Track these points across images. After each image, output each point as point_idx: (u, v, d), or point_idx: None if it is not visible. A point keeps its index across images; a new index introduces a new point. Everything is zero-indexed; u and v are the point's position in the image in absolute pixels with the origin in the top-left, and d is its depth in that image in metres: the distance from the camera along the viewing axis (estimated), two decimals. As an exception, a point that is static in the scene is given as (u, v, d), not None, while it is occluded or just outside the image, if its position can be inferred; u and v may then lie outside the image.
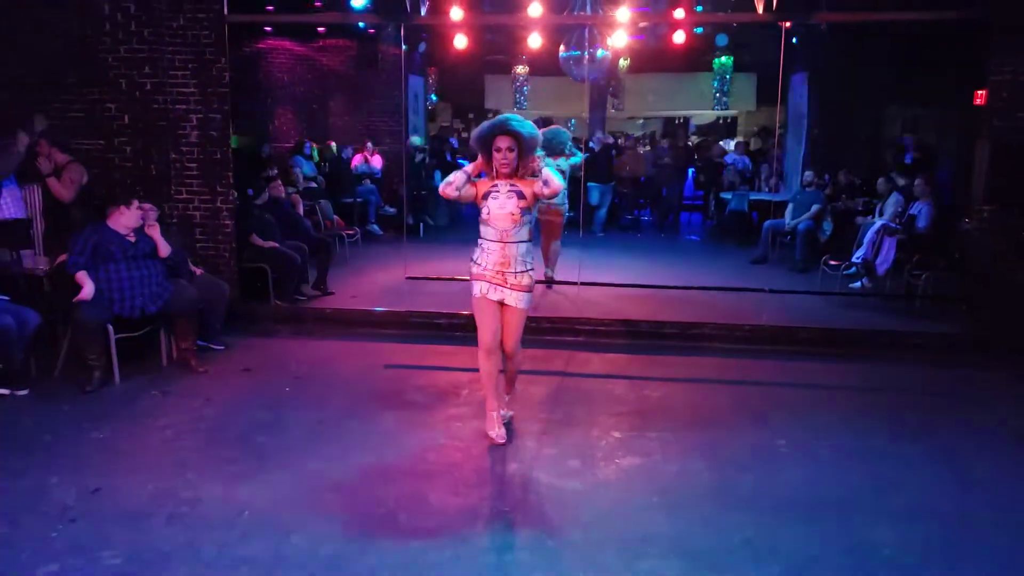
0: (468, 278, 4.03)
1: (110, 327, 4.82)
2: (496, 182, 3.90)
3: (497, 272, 3.90)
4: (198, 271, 5.73)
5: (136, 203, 5.08)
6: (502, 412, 4.23)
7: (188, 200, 6.44)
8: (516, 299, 3.92)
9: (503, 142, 3.81)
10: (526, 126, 3.84)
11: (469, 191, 3.91)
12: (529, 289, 3.97)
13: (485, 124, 3.93)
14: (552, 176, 3.80)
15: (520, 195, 3.84)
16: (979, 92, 6.13)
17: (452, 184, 3.85)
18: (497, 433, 4.07)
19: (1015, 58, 5.69)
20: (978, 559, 3.09)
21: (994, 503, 3.55)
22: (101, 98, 6.27)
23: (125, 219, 5.00)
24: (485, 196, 3.90)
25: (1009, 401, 4.74)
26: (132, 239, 5.04)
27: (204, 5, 6.14)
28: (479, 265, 3.96)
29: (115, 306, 4.89)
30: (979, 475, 3.84)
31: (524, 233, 3.94)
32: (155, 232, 5.20)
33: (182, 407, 4.56)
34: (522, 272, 3.92)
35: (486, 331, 3.96)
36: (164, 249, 5.19)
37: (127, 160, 6.33)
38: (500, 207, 3.84)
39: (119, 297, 4.90)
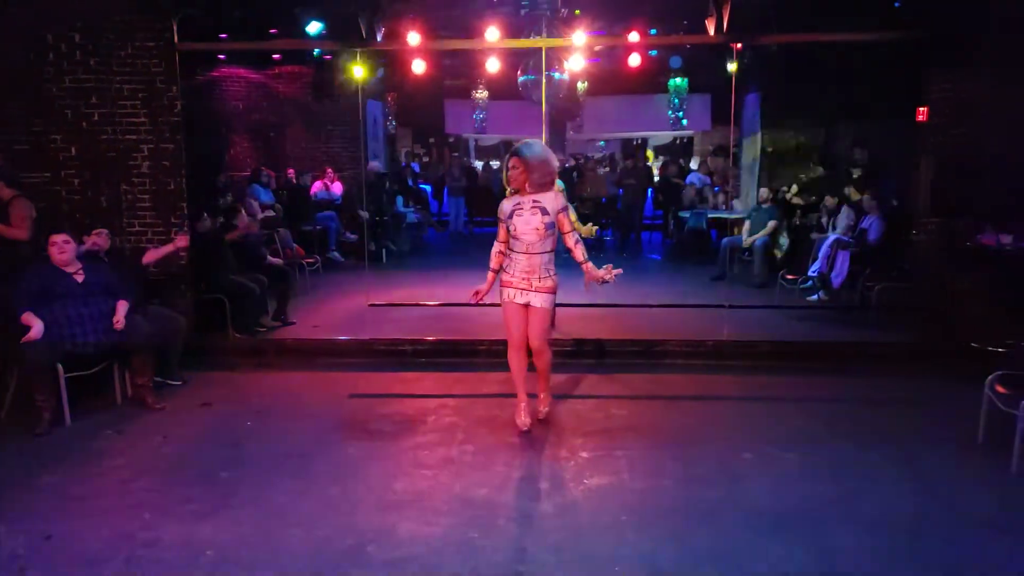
0: (433, 303, 4.24)
1: (60, 367, 4.67)
2: (520, 199, 4.38)
3: (524, 279, 4.40)
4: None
5: (59, 238, 4.88)
6: (541, 409, 4.76)
7: (141, 232, 6.31)
8: (541, 300, 4.41)
9: (513, 163, 4.41)
10: (532, 148, 4.38)
11: (504, 237, 4.47)
12: (552, 291, 4.45)
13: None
14: (578, 248, 4.43)
15: (544, 211, 4.33)
16: (920, 109, 6.34)
17: (494, 258, 4.55)
18: (523, 421, 4.58)
19: (952, 76, 5.91)
20: (939, 563, 3.13)
21: (950, 506, 3.62)
22: (46, 130, 6.14)
23: (58, 257, 4.86)
24: (511, 215, 4.37)
25: (960, 405, 4.83)
26: (80, 277, 4.90)
27: (154, 34, 6.08)
28: (508, 273, 4.46)
29: (65, 341, 4.75)
30: (935, 479, 3.93)
31: (548, 244, 4.41)
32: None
33: (138, 446, 4.42)
34: (546, 277, 4.42)
35: (513, 330, 4.50)
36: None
37: (75, 193, 6.19)
38: (526, 223, 4.33)
39: (70, 333, 4.77)
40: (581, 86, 13.48)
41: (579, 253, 4.42)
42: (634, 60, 8.40)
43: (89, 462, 4.20)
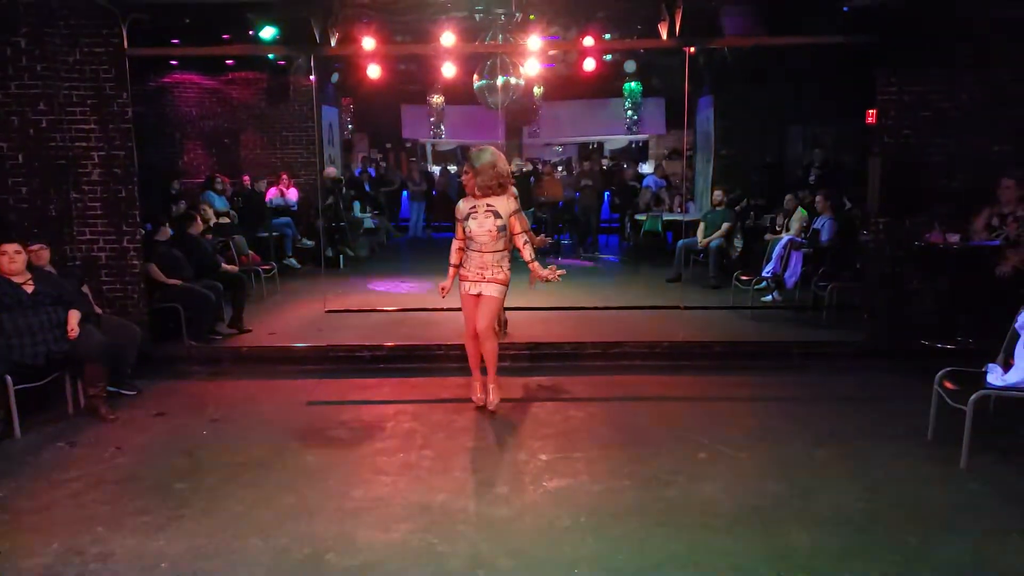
0: (391, 309, 4.36)
1: (9, 379, 4.55)
2: (475, 202, 4.74)
3: (478, 273, 4.81)
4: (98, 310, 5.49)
5: (11, 248, 4.78)
6: (491, 400, 4.99)
7: (92, 240, 6.19)
8: (491, 290, 4.80)
9: (464, 168, 4.86)
10: (479, 155, 4.72)
11: (462, 235, 4.84)
12: (503, 283, 4.84)
13: None
14: (526, 248, 4.82)
15: (497, 215, 4.70)
16: (869, 111, 6.51)
17: (454, 254, 4.94)
18: (478, 397, 5.06)
19: (899, 79, 6.09)
20: (890, 558, 3.22)
21: (899, 502, 3.73)
22: (-8, 137, 5.97)
23: (8, 267, 4.76)
24: (466, 217, 4.74)
25: (908, 401, 4.98)
26: (30, 288, 4.79)
27: (102, 39, 5.96)
28: (465, 269, 4.88)
29: (14, 352, 4.64)
30: (884, 475, 4.04)
31: (501, 244, 4.80)
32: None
33: (91, 458, 4.33)
34: (498, 271, 4.82)
35: (467, 320, 4.93)
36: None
37: (23, 201, 6.03)
38: (479, 225, 4.72)
39: (18, 343, 4.66)
40: (537, 91, 13.56)
41: (527, 253, 4.83)
42: (589, 65, 8.48)
43: (40, 475, 4.11)
